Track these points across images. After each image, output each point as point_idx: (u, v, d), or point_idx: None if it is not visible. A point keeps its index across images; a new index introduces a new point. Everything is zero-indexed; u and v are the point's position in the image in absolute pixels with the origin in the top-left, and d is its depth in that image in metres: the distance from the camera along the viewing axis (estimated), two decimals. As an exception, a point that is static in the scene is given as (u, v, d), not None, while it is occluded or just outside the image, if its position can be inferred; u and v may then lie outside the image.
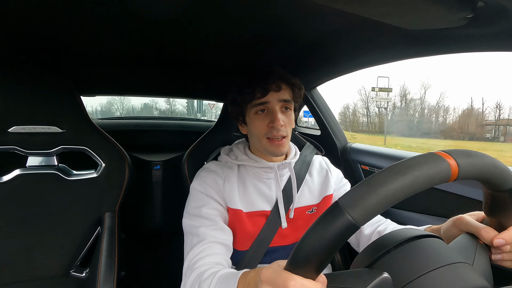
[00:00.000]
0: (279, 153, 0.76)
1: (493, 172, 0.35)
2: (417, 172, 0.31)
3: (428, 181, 0.31)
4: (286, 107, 0.77)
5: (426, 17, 0.55)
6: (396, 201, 0.30)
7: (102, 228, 0.94)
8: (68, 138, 0.90)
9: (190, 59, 1.03)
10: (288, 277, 0.32)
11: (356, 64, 1.00)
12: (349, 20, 0.69)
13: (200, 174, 0.80)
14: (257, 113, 0.76)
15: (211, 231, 0.69)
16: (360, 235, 0.80)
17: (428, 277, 0.33)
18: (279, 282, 0.33)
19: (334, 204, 0.31)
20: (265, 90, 0.74)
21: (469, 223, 0.46)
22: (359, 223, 0.29)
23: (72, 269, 0.93)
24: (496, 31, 0.56)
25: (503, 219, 0.42)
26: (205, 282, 0.56)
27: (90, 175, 0.94)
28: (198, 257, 0.64)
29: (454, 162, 0.32)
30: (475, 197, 0.87)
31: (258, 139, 0.77)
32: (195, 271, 0.61)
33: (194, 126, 1.83)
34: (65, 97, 0.89)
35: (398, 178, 0.30)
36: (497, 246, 0.41)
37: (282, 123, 0.73)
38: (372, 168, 1.22)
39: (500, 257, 0.43)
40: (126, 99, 16.87)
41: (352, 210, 0.29)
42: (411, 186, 0.30)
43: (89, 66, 1.07)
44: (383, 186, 0.30)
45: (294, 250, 0.32)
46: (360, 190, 0.31)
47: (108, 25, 0.73)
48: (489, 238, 0.42)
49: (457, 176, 0.32)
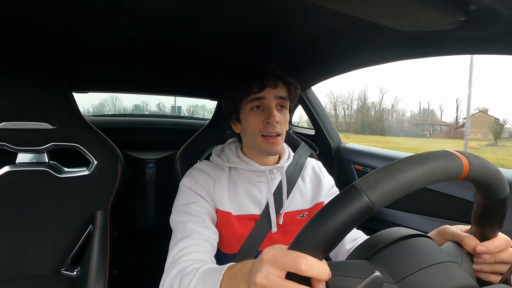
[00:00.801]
0: (274, 152, 0.75)
1: (496, 178, 0.36)
2: (434, 164, 0.32)
3: (443, 174, 0.32)
4: (282, 105, 0.77)
5: (420, 19, 0.56)
6: (413, 189, 0.31)
7: (94, 226, 0.93)
8: (60, 135, 0.88)
9: (185, 57, 1.02)
10: (299, 255, 0.30)
11: (351, 64, 1.00)
12: (345, 21, 0.70)
13: (191, 173, 0.79)
14: (253, 109, 0.75)
15: (197, 227, 0.68)
16: (341, 249, 0.80)
17: (424, 273, 0.34)
18: (288, 260, 0.31)
19: (350, 186, 0.31)
20: (262, 85, 0.73)
21: (453, 232, 0.48)
22: (376, 206, 0.30)
23: (63, 267, 0.92)
24: (488, 34, 0.57)
25: (488, 230, 0.44)
26: (187, 277, 0.54)
27: (82, 173, 0.92)
28: (182, 253, 0.63)
29: (467, 162, 0.33)
30: (464, 197, 0.88)
31: (253, 137, 0.75)
32: (177, 266, 0.59)
33: (188, 124, 1.82)
34: (57, 93, 0.87)
35: (417, 167, 0.31)
36: (479, 253, 0.43)
37: (277, 120, 0.73)
38: (365, 168, 1.23)
39: (479, 267, 0.44)
40: (118, 100, 16.71)
41: (371, 192, 0.30)
42: (428, 177, 0.31)
43: (81, 62, 1.06)
44: (402, 173, 0.31)
45: (302, 230, 0.32)
46: (379, 174, 0.31)
47: (101, 21, 0.72)
48: (472, 246, 0.43)
49: (467, 174, 0.33)
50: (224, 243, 0.75)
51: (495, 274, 0.45)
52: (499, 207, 0.40)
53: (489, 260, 0.44)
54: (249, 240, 0.76)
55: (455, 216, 0.92)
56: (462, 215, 0.90)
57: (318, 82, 1.28)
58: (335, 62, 1.01)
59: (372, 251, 0.38)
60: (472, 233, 0.46)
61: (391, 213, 1.11)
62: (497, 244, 0.43)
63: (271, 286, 0.32)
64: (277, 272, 0.32)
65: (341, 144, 1.39)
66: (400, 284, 0.34)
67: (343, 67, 1.05)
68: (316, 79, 1.24)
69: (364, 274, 0.30)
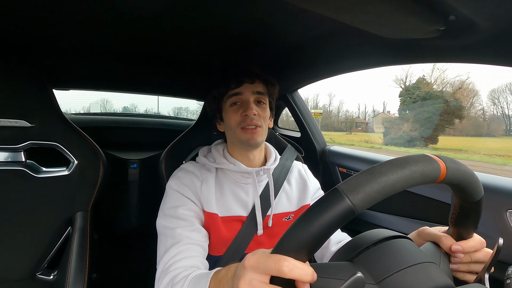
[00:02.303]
0: (253, 142, 0.75)
1: (471, 181, 0.38)
2: (413, 168, 0.33)
3: (422, 177, 0.33)
4: (260, 100, 0.79)
5: (403, 27, 0.58)
6: (393, 192, 0.32)
7: (73, 228, 0.89)
8: (38, 133, 0.85)
9: (170, 56, 1.01)
10: (281, 258, 0.30)
11: (336, 69, 1.02)
12: (332, 26, 0.71)
13: (177, 174, 0.78)
14: (232, 106, 0.78)
15: (187, 232, 0.68)
16: (326, 251, 0.81)
17: (404, 273, 0.35)
18: (270, 264, 0.31)
19: (333, 189, 0.32)
20: (239, 81, 0.77)
21: (431, 232, 0.50)
22: (357, 209, 0.30)
23: (38, 271, 0.88)
24: (466, 43, 0.60)
25: (464, 231, 0.46)
26: (177, 285, 0.54)
27: (61, 173, 0.89)
28: (173, 260, 0.62)
29: (444, 165, 0.35)
30: (443, 200, 0.92)
31: (233, 131, 0.77)
32: (169, 275, 0.59)
33: (173, 125, 1.80)
34: (36, 90, 0.84)
35: (397, 170, 0.32)
36: (455, 252, 0.45)
37: (255, 112, 0.75)
38: (349, 171, 1.26)
39: (456, 267, 0.47)
40: (108, 103, 16.36)
41: (353, 195, 0.30)
42: (408, 180, 0.32)
43: (62, 58, 1.02)
44: (383, 176, 0.31)
45: (285, 234, 0.32)
46: (361, 177, 0.32)
47: (83, 15, 0.70)
48: (449, 246, 0.46)
49: (444, 178, 0.35)
50: (210, 244, 0.75)
51: (471, 274, 0.47)
52: (474, 209, 0.42)
53: (465, 259, 0.46)
54: (235, 242, 0.76)
55: (433, 218, 0.96)
56: (440, 216, 0.93)
57: (304, 85, 1.30)
58: (321, 66, 1.03)
59: (354, 252, 0.39)
60: (449, 234, 0.48)
61: (373, 215, 1.14)
62: (472, 245, 0.45)
63: None
64: (260, 278, 0.32)
65: (326, 146, 1.42)
66: (380, 285, 0.35)
67: (328, 71, 1.07)
68: (302, 82, 1.25)
69: (346, 275, 0.30)
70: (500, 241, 0.40)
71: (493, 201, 0.78)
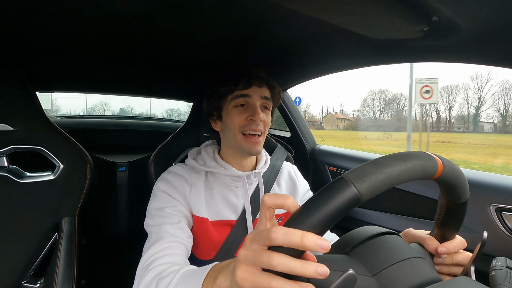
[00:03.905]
0: (254, 152, 0.74)
1: (461, 181, 0.39)
2: (415, 162, 0.34)
3: (422, 172, 0.34)
4: (266, 106, 0.78)
5: (389, 27, 0.59)
6: (396, 183, 0.33)
7: (60, 234, 0.87)
8: (21, 137, 0.82)
9: (159, 57, 0.99)
10: (272, 254, 0.30)
11: (325, 68, 1.03)
12: (320, 27, 0.72)
13: (166, 177, 0.76)
14: (237, 107, 0.75)
15: (172, 229, 0.66)
16: None
17: (398, 266, 0.37)
18: (263, 259, 0.30)
19: (339, 178, 0.32)
20: (248, 83, 0.75)
21: (416, 234, 0.51)
22: (363, 197, 0.31)
23: (24, 279, 0.85)
24: (449, 43, 0.62)
25: (448, 233, 0.47)
26: (164, 279, 0.51)
27: (46, 177, 0.86)
28: (155, 257, 0.59)
29: (441, 163, 0.36)
30: (429, 196, 0.94)
31: (233, 134, 0.75)
32: (152, 271, 0.56)
33: (162, 126, 1.77)
34: (18, 93, 0.81)
35: (401, 163, 0.33)
36: (441, 253, 0.46)
37: (262, 118, 0.74)
38: (339, 170, 1.27)
39: (438, 268, 0.48)
40: (107, 105, 16.07)
41: (359, 183, 0.31)
42: (410, 173, 0.33)
43: (45, 59, 0.99)
44: (388, 167, 0.32)
45: (290, 219, 0.32)
46: (367, 167, 0.33)
47: (67, 15, 0.68)
48: (433, 247, 0.47)
49: (440, 175, 0.36)
50: (200, 249, 0.74)
51: (450, 276, 0.49)
52: (459, 210, 0.43)
53: (447, 261, 0.48)
54: (225, 245, 0.75)
55: (421, 214, 0.98)
56: (427, 212, 0.96)
57: (294, 85, 1.31)
58: (310, 66, 1.04)
59: (350, 246, 0.41)
60: (433, 235, 0.50)
61: (363, 212, 1.16)
62: (454, 245, 0.47)
63: (254, 258, 0.31)
64: (262, 247, 0.32)
65: (316, 146, 1.43)
66: (377, 277, 0.36)
67: (317, 71, 1.08)
68: (291, 82, 1.26)
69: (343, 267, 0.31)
70: (485, 235, 0.42)
71: (477, 196, 0.81)
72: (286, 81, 1.25)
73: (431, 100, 8.41)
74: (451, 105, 22.62)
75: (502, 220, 0.77)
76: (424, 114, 27.49)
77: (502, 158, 14.37)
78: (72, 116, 1.89)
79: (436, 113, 28.80)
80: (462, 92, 23.57)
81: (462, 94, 23.16)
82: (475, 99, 26.01)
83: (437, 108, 29.63)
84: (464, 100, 24.85)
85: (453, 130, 23.56)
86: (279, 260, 0.29)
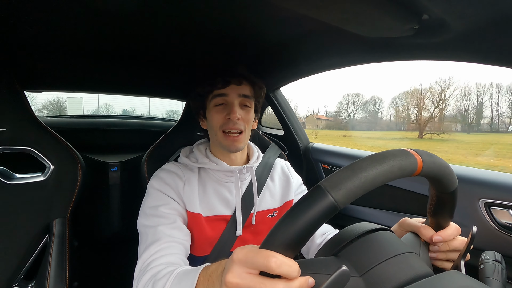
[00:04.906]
0: (234, 149, 0.76)
1: (446, 172, 0.40)
2: (392, 162, 0.34)
3: (400, 171, 0.34)
4: (245, 104, 0.78)
5: (380, 25, 0.60)
6: (373, 186, 0.33)
7: (51, 236, 0.85)
8: (9, 137, 0.80)
9: (151, 55, 0.98)
10: (270, 254, 0.31)
11: (318, 67, 1.04)
12: (312, 25, 0.72)
13: (159, 174, 0.76)
14: (216, 106, 0.77)
15: (168, 230, 0.66)
16: (312, 244, 0.82)
17: (386, 264, 0.37)
18: (258, 259, 0.31)
19: (316, 186, 0.32)
20: (226, 81, 0.76)
21: (411, 223, 0.52)
22: (340, 205, 0.31)
23: (14, 283, 0.83)
24: (439, 41, 0.62)
25: (441, 220, 0.48)
26: (160, 281, 0.52)
27: (36, 179, 0.85)
28: (153, 258, 0.60)
29: (420, 159, 0.36)
30: (420, 192, 0.96)
31: (215, 132, 0.77)
32: (149, 272, 0.56)
33: (154, 126, 1.76)
34: (5, 92, 0.79)
35: (377, 166, 0.33)
36: (435, 242, 0.47)
37: (238, 116, 0.74)
38: (332, 167, 1.28)
39: (435, 255, 0.49)
40: (110, 107, 15.88)
41: (335, 192, 0.31)
42: (387, 174, 0.33)
43: (33, 58, 0.96)
44: (363, 172, 0.32)
45: (272, 230, 0.33)
46: (343, 174, 0.33)
47: (56, 12, 0.67)
48: (428, 235, 0.48)
49: (421, 171, 0.36)
50: (195, 245, 0.74)
51: (448, 262, 0.49)
52: (450, 199, 0.44)
53: (443, 248, 0.48)
54: (221, 241, 0.75)
55: (413, 210, 0.99)
56: (419, 208, 0.97)
57: (286, 83, 1.31)
58: (302, 64, 1.04)
59: (338, 247, 0.40)
60: (428, 224, 0.50)
61: (356, 209, 1.17)
62: (449, 233, 0.48)
63: (247, 284, 0.32)
64: (249, 271, 0.33)
65: (309, 144, 1.44)
66: (364, 277, 0.36)
67: (310, 69, 1.08)
68: (284, 80, 1.26)
69: (331, 270, 0.31)
70: (474, 229, 0.42)
71: (466, 191, 0.82)
72: (279, 79, 1.25)
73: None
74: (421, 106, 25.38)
75: (490, 214, 0.79)
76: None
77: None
78: (62, 116, 1.85)
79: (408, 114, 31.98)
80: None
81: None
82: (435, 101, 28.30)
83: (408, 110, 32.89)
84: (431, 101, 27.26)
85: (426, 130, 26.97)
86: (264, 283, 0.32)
